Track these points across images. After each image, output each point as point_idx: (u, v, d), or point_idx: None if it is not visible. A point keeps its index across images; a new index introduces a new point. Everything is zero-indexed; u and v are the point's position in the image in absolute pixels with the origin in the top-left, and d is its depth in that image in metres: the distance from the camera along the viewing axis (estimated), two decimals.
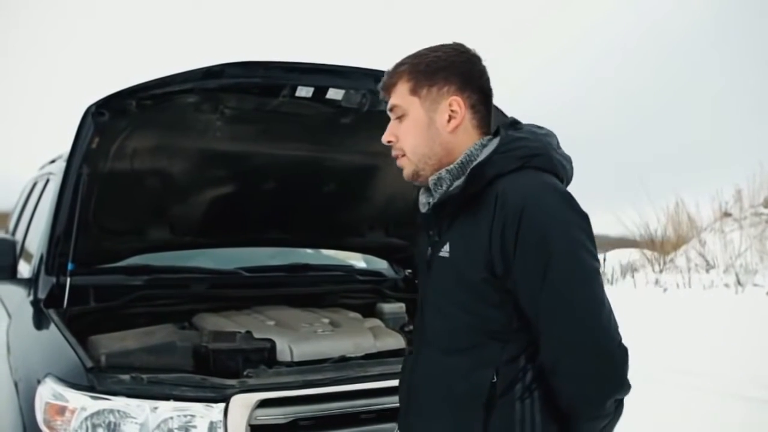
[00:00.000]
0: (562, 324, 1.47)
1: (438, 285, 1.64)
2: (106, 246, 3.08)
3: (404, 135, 1.66)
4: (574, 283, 1.48)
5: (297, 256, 4.11)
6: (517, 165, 1.56)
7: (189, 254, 3.66)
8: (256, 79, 2.46)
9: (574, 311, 1.47)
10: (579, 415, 1.53)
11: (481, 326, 1.54)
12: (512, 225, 1.47)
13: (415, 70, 1.65)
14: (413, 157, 1.66)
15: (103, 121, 2.46)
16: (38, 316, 2.64)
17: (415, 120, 1.65)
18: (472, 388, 1.53)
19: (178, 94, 2.46)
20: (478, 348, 1.54)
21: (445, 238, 1.63)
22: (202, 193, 3.24)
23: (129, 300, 2.90)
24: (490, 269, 1.51)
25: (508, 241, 1.48)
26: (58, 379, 2.12)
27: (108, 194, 2.85)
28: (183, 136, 2.86)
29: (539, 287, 1.47)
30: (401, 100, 1.66)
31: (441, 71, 1.64)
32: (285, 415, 2.16)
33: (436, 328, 1.65)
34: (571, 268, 1.48)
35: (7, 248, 3.03)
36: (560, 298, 1.47)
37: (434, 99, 1.64)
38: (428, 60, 1.65)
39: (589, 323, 1.47)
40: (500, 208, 1.49)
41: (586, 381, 1.48)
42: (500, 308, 1.52)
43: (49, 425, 2.06)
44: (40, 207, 3.64)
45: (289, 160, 3.17)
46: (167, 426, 2.04)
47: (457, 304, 1.58)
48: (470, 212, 1.57)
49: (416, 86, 1.65)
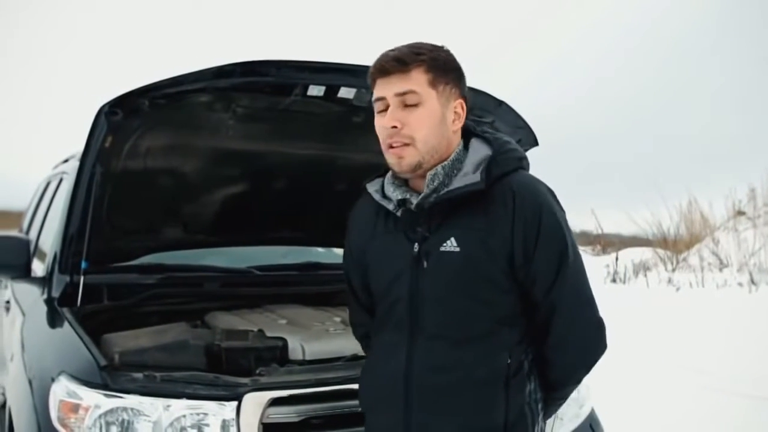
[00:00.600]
0: (575, 305, 1.73)
1: (442, 278, 1.68)
2: (119, 245, 3.09)
3: (417, 123, 1.66)
4: (580, 270, 1.74)
5: (309, 254, 4.11)
6: (515, 166, 1.74)
7: (201, 253, 3.67)
8: (268, 78, 2.46)
9: (582, 293, 1.74)
10: (568, 381, 1.83)
11: (493, 314, 1.68)
12: (533, 222, 1.66)
13: (435, 64, 1.67)
14: (423, 147, 1.67)
15: (117, 120, 2.46)
16: (52, 314, 2.65)
17: (432, 111, 1.67)
18: (491, 372, 1.67)
19: (190, 93, 2.47)
20: (492, 334, 1.68)
21: (442, 234, 1.69)
22: (215, 191, 3.25)
23: (142, 298, 2.91)
24: (510, 261, 1.67)
25: (529, 235, 1.66)
26: (72, 377, 2.13)
27: (121, 193, 2.86)
28: (195, 135, 2.87)
29: (555, 275, 1.69)
30: (419, 88, 1.65)
31: (453, 72, 1.72)
32: (297, 414, 2.16)
33: (442, 320, 1.69)
34: (577, 258, 1.74)
35: (21, 247, 3.04)
36: (573, 284, 1.72)
37: (447, 97, 1.70)
38: (444, 57, 1.70)
39: (590, 302, 1.76)
40: (520, 206, 1.66)
41: (587, 351, 1.77)
42: (509, 294, 1.69)
43: (63, 423, 2.07)
44: (54, 206, 3.66)
45: (300, 158, 3.18)
46: (180, 424, 2.04)
47: (469, 295, 1.67)
48: (475, 208, 1.67)
49: (435, 79, 1.67)
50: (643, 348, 6.97)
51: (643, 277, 12.79)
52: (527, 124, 2.71)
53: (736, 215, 13.56)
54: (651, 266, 13.90)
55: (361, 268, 1.87)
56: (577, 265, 1.73)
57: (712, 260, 12.44)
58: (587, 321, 1.75)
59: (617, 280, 13.21)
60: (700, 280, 11.21)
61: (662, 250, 14.27)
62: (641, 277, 12.99)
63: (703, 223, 14.02)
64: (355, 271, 1.92)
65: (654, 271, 13.39)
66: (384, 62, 1.67)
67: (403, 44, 1.71)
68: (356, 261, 1.89)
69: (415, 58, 1.66)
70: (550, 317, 1.71)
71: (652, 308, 9.11)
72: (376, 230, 1.82)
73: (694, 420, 4.97)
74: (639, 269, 13.62)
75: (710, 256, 12.58)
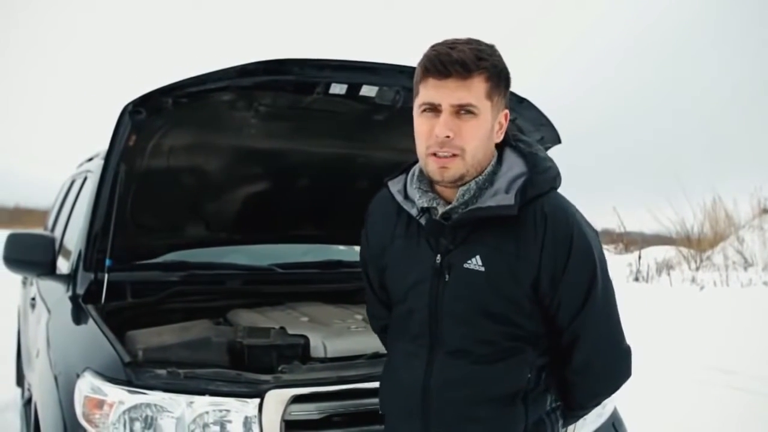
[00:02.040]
0: (600, 334, 1.68)
1: (463, 296, 1.62)
2: (142, 242, 3.12)
3: (471, 134, 1.55)
4: (609, 298, 1.68)
5: (330, 252, 4.12)
6: (550, 186, 1.65)
7: (224, 251, 3.68)
8: (291, 77, 2.47)
9: (609, 322, 1.69)
10: (590, 404, 1.82)
11: (514, 334, 1.63)
12: (564, 249, 1.59)
13: (495, 72, 1.57)
14: (471, 159, 1.57)
15: (140, 119, 2.48)
16: (77, 311, 2.67)
17: (484, 125, 1.57)
18: (511, 388, 1.63)
19: (213, 92, 2.48)
20: (513, 353, 1.63)
21: (467, 250, 1.61)
22: (237, 190, 3.27)
23: (165, 296, 2.93)
24: (535, 286, 1.60)
25: (559, 261, 1.59)
26: (97, 374, 2.15)
27: (145, 191, 2.88)
28: (218, 134, 2.89)
29: (581, 304, 1.63)
30: (476, 100, 1.54)
31: (505, 81, 1.62)
32: (319, 411, 2.16)
33: (461, 337, 1.63)
34: (607, 286, 1.67)
35: (47, 245, 3.07)
36: (600, 314, 1.66)
37: (498, 108, 1.60)
38: (501, 65, 1.59)
39: (617, 331, 1.72)
40: (551, 233, 1.58)
41: (611, 378, 1.74)
42: (531, 318, 1.64)
43: (88, 419, 2.09)
44: (78, 204, 3.70)
45: (322, 157, 3.18)
46: (203, 420, 2.06)
47: (490, 315, 1.61)
48: (504, 229, 1.59)
49: (492, 90, 1.56)
50: (666, 347, 6.91)
51: (667, 276, 12.68)
52: (550, 121, 2.69)
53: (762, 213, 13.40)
54: (674, 265, 13.78)
55: (379, 267, 1.82)
56: (606, 294, 1.67)
57: (737, 259, 12.31)
58: (612, 350, 1.71)
59: (640, 278, 13.10)
60: (724, 278, 11.10)
61: (686, 249, 14.15)
62: (664, 275, 12.89)
63: (727, 221, 13.89)
64: (372, 268, 1.87)
65: (677, 270, 13.28)
66: (446, 62, 1.52)
67: (459, 40, 1.57)
68: (374, 258, 1.84)
69: (478, 64, 1.53)
70: (573, 344, 1.67)
71: (675, 307, 9.04)
72: (396, 231, 1.74)
73: (718, 419, 4.92)
74: (662, 268, 13.50)
75: (735, 255, 12.45)
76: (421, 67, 1.57)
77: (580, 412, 1.83)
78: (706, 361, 6.60)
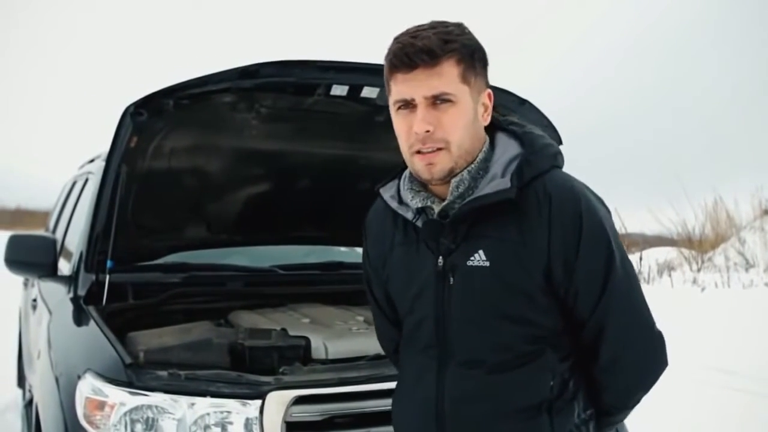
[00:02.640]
0: (627, 323, 1.49)
1: (471, 297, 1.48)
2: (144, 244, 3.12)
3: (451, 125, 1.42)
4: (630, 278, 1.51)
5: (331, 254, 4.12)
6: (550, 164, 1.50)
7: (225, 252, 3.69)
8: (292, 78, 2.47)
9: (635, 305, 1.51)
10: (624, 406, 1.59)
11: (532, 334, 1.47)
12: (573, 231, 1.43)
13: (467, 53, 1.44)
14: (457, 151, 1.44)
15: (142, 120, 2.49)
16: (78, 312, 2.68)
17: (465, 111, 1.44)
18: (533, 398, 1.46)
19: (214, 93, 2.49)
20: (533, 357, 1.47)
21: (469, 246, 1.47)
22: (238, 191, 3.27)
23: (166, 297, 2.93)
24: (547, 275, 1.44)
25: (570, 246, 1.43)
26: (98, 375, 2.15)
27: (146, 193, 2.89)
28: (219, 135, 2.89)
29: (601, 289, 1.46)
30: (450, 86, 1.41)
31: (481, 60, 1.48)
32: (320, 413, 2.16)
33: (474, 345, 1.49)
34: (626, 268, 1.50)
35: (48, 246, 3.08)
36: (623, 299, 1.48)
37: (478, 90, 1.47)
38: (472, 42, 1.46)
39: (643, 315, 1.52)
40: (557, 211, 1.43)
41: (643, 372, 1.53)
42: (548, 313, 1.47)
43: (89, 420, 2.09)
44: (80, 206, 3.70)
45: (323, 158, 3.19)
46: (204, 422, 2.06)
47: (504, 315, 1.46)
48: (506, 217, 1.44)
49: (467, 72, 1.43)
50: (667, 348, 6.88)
51: (668, 277, 12.65)
52: (551, 122, 2.69)
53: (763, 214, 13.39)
54: (675, 266, 13.76)
55: (382, 280, 1.68)
56: (627, 273, 1.49)
57: (738, 260, 12.29)
58: (642, 338, 1.51)
59: (641, 280, 13.08)
60: (725, 280, 11.08)
61: (687, 250, 14.13)
62: (665, 277, 12.86)
63: (728, 223, 13.87)
64: (376, 284, 1.73)
65: (679, 271, 13.25)
66: (410, 53, 1.40)
67: (422, 26, 1.45)
68: (376, 272, 1.70)
69: (445, 48, 1.40)
70: (598, 337, 1.48)
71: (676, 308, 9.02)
72: (395, 240, 1.60)
73: (719, 420, 4.92)
74: (663, 269, 13.48)
75: (736, 256, 12.43)
76: (387, 62, 1.46)
77: (616, 416, 1.60)
78: (707, 362, 6.59)
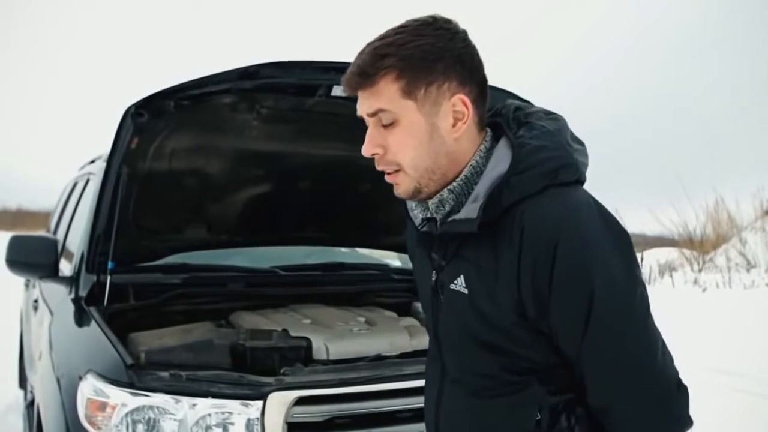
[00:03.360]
0: (612, 369, 1.27)
1: (454, 320, 1.39)
2: (145, 245, 3.12)
3: (398, 147, 1.32)
4: (621, 324, 1.26)
5: (332, 254, 4.12)
6: (541, 185, 1.28)
7: (226, 253, 3.69)
8: (293, 79, 2.47)
9: (623, 355, 1.27)
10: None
11: (518, 366, 1.33)
12: (545, 263, 1.23)
13: (408, 65, 1.29)
14: (414, 172, 1.33)
15: (142, 121, 2.49)
16: (79, 313, 2.68)
17: (412, 128, 1.31)
18: (516, 428, 1.33)
19: (215, 94, 2.49)
20: (518, 387, 1.33)
21: (455, 267, 1.38)
22: (239, 192, 3.27)
23: (167, 298, 2.93)
24: (521, 311, 1.28)
25: (541, 281, 1.24)
26: (99, 376, 2.15)
27: (147, 194, 2.89)
28: (220, 136, 2.89)
29: (581, 332, 1.25)
30: (389, 104, 1.30)
31: (438, 63, 1.29)
32: (321, 413, 2.16)
33: (460, 367, 1.42)
34: (617, 308, 1.26)
35: (49, 247, 3.08)
36: (607, 342, 1.26)
37: (434, 100, 1.31)
38: (421, 49, 1.29)
39: (641, 365, 1.27)
40: (529, 242, 1.25)
41: (643, 425, 1.30)
42: (535, 348, 1.31)
43: (91, 421, 2.10)
44: (81, 206, 3.70)
45: (324, 159, 3.19)
46: (205, 423, 2.06)
47: (482, 344, 1.34)
48: (484, 242, 1.31)
49: (410, 86, 1.29)
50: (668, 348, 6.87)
51: (669, 278, 12.65)
52: None
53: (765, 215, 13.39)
54: (677, 266, 13.76)
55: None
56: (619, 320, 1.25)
57: (740, 260, 12.29)
58: (636, 391, 1.28)
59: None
60: (726, 280, 11.08)
61: (688, 250, 14.13)
62: (667, 277, 12.86)
63: (730, 223, 13.87)
64: None
65: (680, 272, 13.25)
66: (349, 78, 1.33)
67: (372, 41, 1.33)
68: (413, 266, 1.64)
69: (378, 65, 1.29)
70: (587, 382, 1.30)
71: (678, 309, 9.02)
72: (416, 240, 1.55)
73: (721, 422, 4.91)
74: (665, 270, 13.48)
75: (737, 257, 12.43)
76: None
77: None
78: (708, 363, 6.59)
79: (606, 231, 1.28)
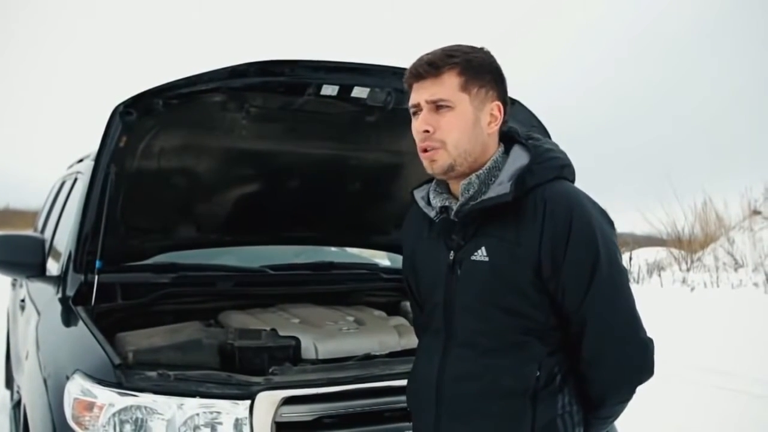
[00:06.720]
0: (607, 320, 1.64)
1: (472, 288, 1.69)
2: (133, 244, 3.11)
3: (448, 127, 1.65)
4: (616, 284, 1.66)
5: (322, 254, 4.12)
6: (554, 175, 1.69)
7: (215, 252, 3.68)
8: (282, 78, 2.47)
9: (616, 309, 1.66)
10: (609, 400, 1.72)
11: (523, 326, 1.65)
12: (563, 232, 1.61)
13: (469, 67, 1.66)
14: (454, 150, 1.66)
15: (131, 120, 2.48)
16: (67, 313, 2.66)
17: (463, 115, 1.66)
18: (518, 383, 1.64)
19: (204, 93, 2.48)
20: (521, 346, 1.65)
21: (476, 242, 1.69)
22: (228, 191, 3.26)
23: (155, 297, 2.92)
24: (537, 272, 1.62)
25: (558, 245, 1.61)
26: (87, 376, 2.14)
27: (135, 193, 2.87)
28: (209, 135, 2.88)
29: (586, 287, 1.62)
30: (450, 93, 1.65)
31: (488, 74, 1.69)
32: (310, 413, 2.16)
33: (471, 328, 1.69)
34: (613, 271, 1.65)
35: (36, 246, 3.06)
36: (605, 298, 1.64)
37: (482, 100, 1.68)
38: (480, 59, 1.68)
39: (628, 319, 1.67)
40: (550, 216, 1.62)
41: (625, 370, 1.67)
42: (539, 308, 1.65)
43: (78, 421, 2.09)
44: (68, 205, 3.68)
45: (314, 158, 3.18)
46: (193, 422, 2.05)
47: (498, 306, 1.65)
48: (509, 218, 1.65)
49: (467, 83, 1.66)
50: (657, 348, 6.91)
51: (657, 277, 12.71)
52: (541, 122, 2.70)
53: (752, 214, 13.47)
54: (665, 266, 13.82)
55: (414, 271, 1.89)
56: (613, 278, 1.65)
57: (727, 260, 12.36)
58: (623, 340, 1.66)
59: (631, 279, 13.06)
60: (714, 280, 11.14)
61: (676, 250, 14.19)
62: (655, 276, 12.92)
63: (718, 223, 13.93)
64: (410, 274, 1.92)
65: (668, 271, 13.31)
66: (418, 66, 1.67)
67: (439, 47, 1.70)
68: (410, 264, 1.91)
69: (447, 60, 1.65)
70: (582, 332, 1.65)
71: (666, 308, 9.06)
72: (423, 235, 1.83)
73: (710, 420, 4.94)
74: (653, 269, 13.54)
75: (725, 256, 12.49)
76: (404, 79, 1.73)
77: (601, 413, 1.75)
78: (696, 362, 6.63)
79: (601, 214, 1.70)
